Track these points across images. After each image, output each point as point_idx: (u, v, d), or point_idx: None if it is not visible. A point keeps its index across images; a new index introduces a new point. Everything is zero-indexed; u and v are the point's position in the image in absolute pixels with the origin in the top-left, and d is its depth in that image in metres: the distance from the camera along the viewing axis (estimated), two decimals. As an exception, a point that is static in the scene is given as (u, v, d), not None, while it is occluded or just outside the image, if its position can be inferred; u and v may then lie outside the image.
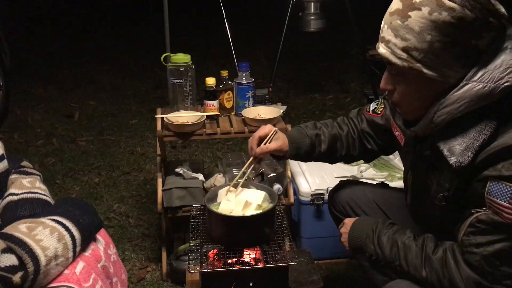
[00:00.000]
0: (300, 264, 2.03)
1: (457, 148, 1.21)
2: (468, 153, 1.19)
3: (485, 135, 1.18)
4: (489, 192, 1.18)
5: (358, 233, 1.49)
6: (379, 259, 1.42)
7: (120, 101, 4.61)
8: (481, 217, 1.21)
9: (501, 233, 1.19)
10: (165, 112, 2.25)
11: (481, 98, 1.17)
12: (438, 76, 1.18)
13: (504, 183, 1.16)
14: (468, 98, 1.17)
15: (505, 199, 1.16)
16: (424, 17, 1.14)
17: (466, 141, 1.20)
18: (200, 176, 2.28)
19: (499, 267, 1.21)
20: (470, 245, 1.23)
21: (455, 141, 1.21)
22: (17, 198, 1.38)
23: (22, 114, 4.30)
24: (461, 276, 1.24)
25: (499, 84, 1.15)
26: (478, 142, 1.18)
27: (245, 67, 2.25)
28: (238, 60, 2.52)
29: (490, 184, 1.18)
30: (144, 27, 7.07)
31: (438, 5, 1.13)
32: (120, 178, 3.21)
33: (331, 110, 4.25)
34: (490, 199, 1.19)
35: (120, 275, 1.42)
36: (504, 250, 1.20)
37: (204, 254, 1.65)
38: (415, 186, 1.48)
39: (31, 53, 5.93)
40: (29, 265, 1.11)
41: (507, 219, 1.17)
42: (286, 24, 3.58)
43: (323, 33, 3.89)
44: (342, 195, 1.79)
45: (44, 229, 1.18)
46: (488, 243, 1.21)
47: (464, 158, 1.20)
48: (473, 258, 1.23)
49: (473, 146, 1.19)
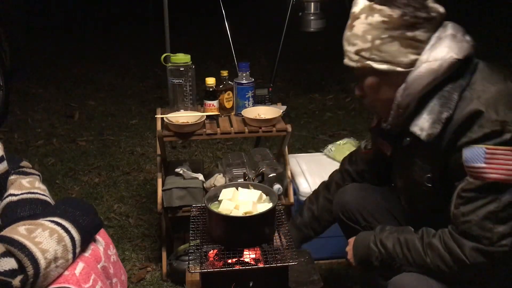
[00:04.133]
0: (300, 264, 2.03)
1: (426, 125, 1.34)
2: (436, 125, 1.32)
3: (449, 108, 1.31)
4: (466, 160, 1.28)
5: (361, 242, 1.54)
6: (384, 259, 1.45)
7: (120, 101, 4.61)
8: (465, 187, 1.29)
9: (486, 195, 1.27)
10: (165, 112, 2.25)
11: (433, 73, 1.31)
12: (388, 67, 1.35)
13: (475, 146, 1.26)
14: (423, 76, 1.32)
15: (480, 160, 1.25)
16: (363, 23, 1.35)
17: (432, 116, 1.33)
18: (200, 176, 2.28)
19: (493, 229, 1.27)
20: (461, 215, 1.30)
21: (423, 119, 1.35)
22: (17, 199, 1.38)
23: (22, 114, 4.30)
24: (461, 248, 1.30)
25: (444, 58, 1.30)
26: (444, 114, 1.31)
27: (245, 67, 2.25)
28: (238, 60, 2.52)
29: (464, 152, 1.28)
30: (144, 27, 7.07)
31: (370, 10, 1.34)
32: (120, 178, 3.21)
33: (331, 110, 4.25)
34: (467, 166, 1.28)
35: (120, 275, 1.42)
36: (493, 211, 1.26)
37: (204, 254, 1.65)
38: (405, 183, 1.53)
39: (31, 53, 5.93)
40: (28, 268, 1.10)
41: (487, 178, 1.25)
42: (286, 24, 3.58)
43: (323, 33, 3.89)
44: (352, 202, 1.74)
45: (44, 231, 1.17)
46: (477, 208, 1.28)
47: (433, 130, 1.33)
48: (467, 227, 1.29)
49: (439, 119, 1.32)
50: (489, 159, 1.25)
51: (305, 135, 3.75)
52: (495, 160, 1.25)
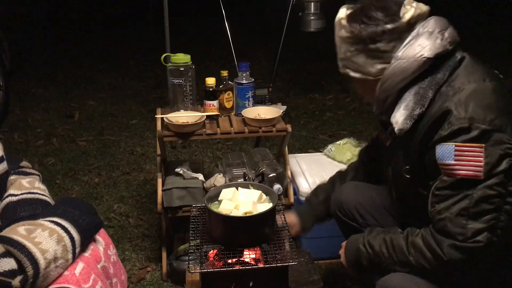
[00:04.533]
0: (300, 264, 2.03)
1: (400, 119, 1.40)
2: (407, 121, 1.39)
3: (422, 105, 1.37)
4: (438, 157, 1.32)
5: (352, 245, 1.58)
6: (372, 259, 1.49)
7: (120, 101, 4.61)
8: (438, 185, 1.34)
9: (458, 192, 1.30)
10: (165, 112, 2.25)
11: (404, 72, 1.37)
12: (361, 76, 1.46)
13: (445, 144, 1.30)
14: (395, 73, 1.38)
15: (451, 157, 1.29)
16: (338, 36, 1.48)
17: (406, 112, 1.39)
18: (200, 176, 2.28)
19: (466, 225, 1.29)
20: (437, 213, 1.34)
21: (398, 113, 1.41)
22: (17, 199, 1.37)
23: (22, 114, 4.30)
24: (439, 245, 1.33)
25: (415, 57, 1.35)
26: (416, 111, 1.37)
27: (245, 67, 2.25)
28: (238, 60, 2.52)
29: (437, 149, 1.32)
30: (144, 27, 7.07)
31: (339, 26, 1.46)
32: (120, 178, 3.21)
33: (331, 110, 4.25)
34: (440, 163, 1.32)
35: (120, 275, 1.41)
36: (465, 207, 1.29)
37: (204, 254, 1.65)
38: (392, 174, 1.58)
39: (31, 53, 5.93)
40: (28, 268, 1.10)
41: (457, 175, 1.29)
42: (286, 24, 3.57)
43: (323, 33, 3.88)
44: (349, 200, 1.79)
45: (43, 232, 1.17)
46: (450, 206, 1.31)
47: (404, 125, 1.40)
48: (443, 225, 1.32)
49: (411, 115, 1.38)
50: (458, 156, 1.28)
51: (305, 135, 3.75)
52: (464, 157, 1.28)
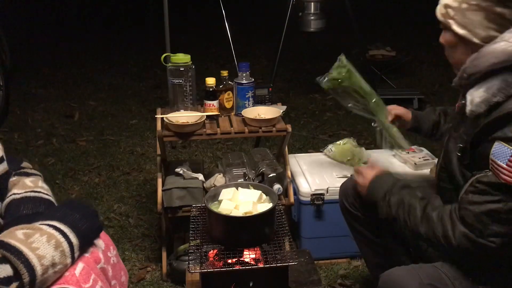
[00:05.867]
0: (300, 264, 2.03)
1: (476, 100, 1.33)
2: (482, 105, 1.32)
3: (504, 94, 1.29)
4: (493, 153, 1.29)
5: (377, 190, 1.58)
6: (388, 216, 1.52)
7: (120, 101, 4.61)
8: (481, 178, 1.31)
9: (496, 194, 1.29)
10: (165, 112, 2.25)
11: (507, 55, 1.28)
12: (465, 34, 1.34)
13: (505, 145, 1.26)
14: (496, 54, 1.29)
15: (504, 160, 1.26)
16: None
17: (485, 96, 1.32)
18: (200, 176, 2.28)
19: (488, 225, 1.30)
20: (466, 202, 1.33)
21: (477, 94, 1.34)
22: (20, 197, 1.37)
23: (22, 114, 4.30)
24: (453, 229, 1.34)
25: None
26: (496, 98, 1.30)
27: (245, 67, 2.25)
28: (238, 60, 2.53)
29: (495, 146, 1.28)
30: (144, 27, 7.07)
31: None
32: (120, 178, 3.21)
33: (331, 110, 4.25)
34: (492, 160, 1.28)
35: (120, 277, 1.41)
36: (496, 211, 1.29)
37: (204, 254, 1.65)
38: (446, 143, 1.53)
39: (31, 53, 5.93)
40: (24, 275, 1.09)
41: (502, 179, 1.26)
42: (286, 24, 3.58)
43: (323, 33, 3.89)
44: (354, 190, 1.77)
45: (41, 237, 1.16)
46: (482, 202, 1.30)
47: (478, 109, 1.33)
48: (466, 214, 1.32)
49: (488, 100, 1.31)
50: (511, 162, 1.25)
51: (305, 135, 3.75)
52: None
